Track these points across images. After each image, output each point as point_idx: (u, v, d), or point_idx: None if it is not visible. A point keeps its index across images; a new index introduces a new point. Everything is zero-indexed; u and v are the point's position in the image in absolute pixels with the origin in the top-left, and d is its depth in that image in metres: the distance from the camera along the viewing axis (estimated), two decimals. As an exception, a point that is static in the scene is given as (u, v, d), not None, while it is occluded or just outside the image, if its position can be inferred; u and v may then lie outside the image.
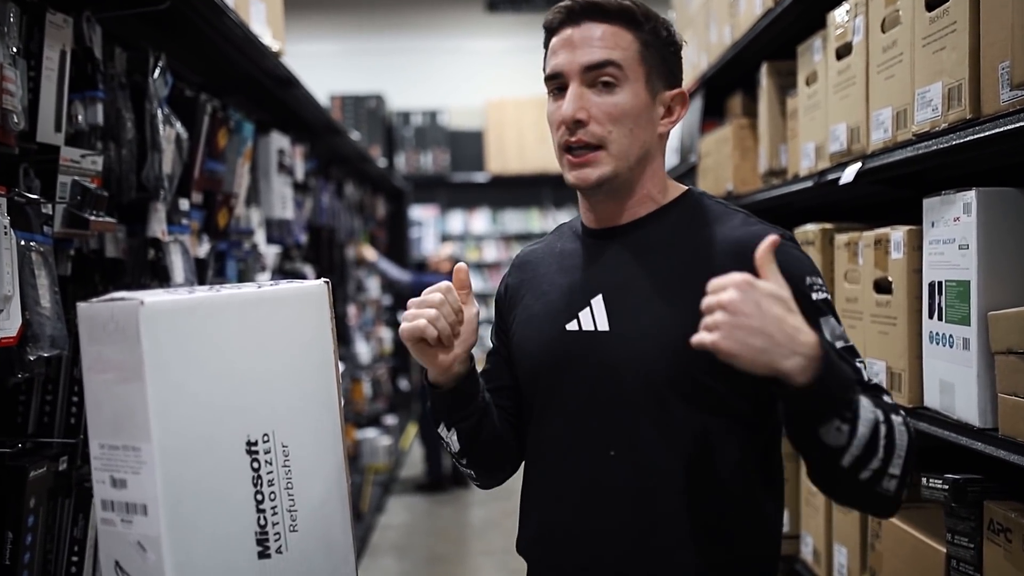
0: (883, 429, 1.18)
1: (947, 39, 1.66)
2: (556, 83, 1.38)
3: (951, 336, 1.69)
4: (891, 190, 2.20)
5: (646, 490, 1.33)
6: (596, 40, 1.34)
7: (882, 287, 1.97)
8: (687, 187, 1.47)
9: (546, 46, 1.41)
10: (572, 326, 1.40)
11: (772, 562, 1.41)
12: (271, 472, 1.20)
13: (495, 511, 5.85)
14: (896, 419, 1.22)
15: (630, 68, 1.35)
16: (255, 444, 1.19)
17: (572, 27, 1.36)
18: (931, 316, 1.77)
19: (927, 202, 1.79)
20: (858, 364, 1.29)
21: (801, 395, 1.12)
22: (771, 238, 1.15)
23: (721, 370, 1.17)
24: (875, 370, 1.98)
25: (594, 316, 1.39)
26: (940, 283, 1.73)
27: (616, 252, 1.41)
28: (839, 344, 1.30)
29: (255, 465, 1.19)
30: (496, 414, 1.48)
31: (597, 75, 1.34)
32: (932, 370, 1.77)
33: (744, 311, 1.08)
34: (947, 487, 1.69)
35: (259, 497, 1.19)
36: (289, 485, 1.22)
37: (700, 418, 1.33)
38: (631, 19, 1.36)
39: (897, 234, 1.88)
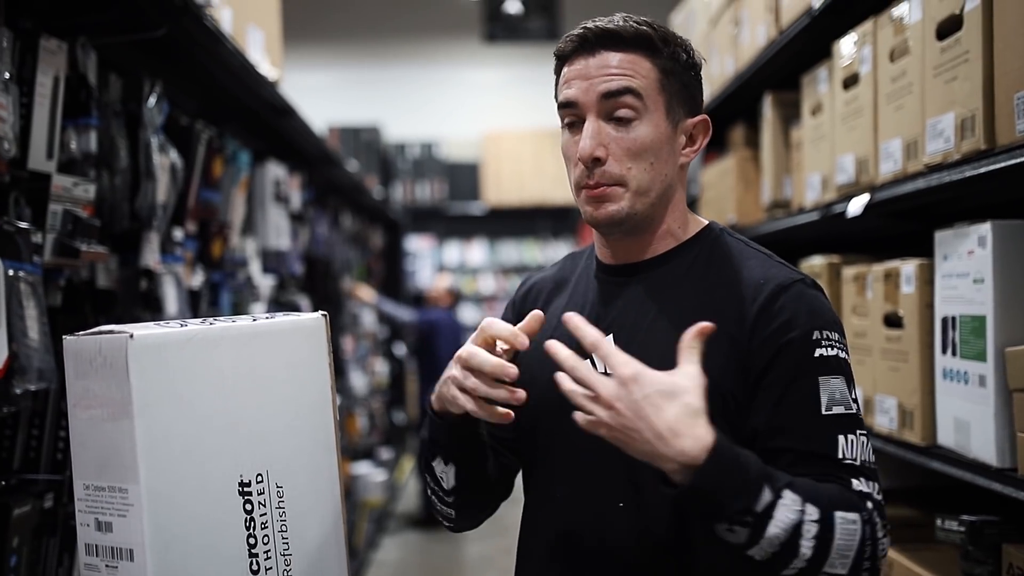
0: (811, 530, 1.09)
1: (959, 69, 1.63)
2: (570, 113, 1.30)
3: (966, 372, 1.64)
4: (898, 223, 2.16)
5: (652, 543, 1.27)
6: (613, 68, 1.27)
7: (892, 321, 1.93)
8: (707, 221, 1.40)
9: (557, 73, 1.34)
10: None
11: None
12: (265, 514, 1.15)
13: (491, 547, 5.76)
14: (843, 516, 1.11)
15: (649, 97, 1.27)
16: (248, 485, 1.13)
17: (587, 56, 1.28)
18: (944, 352, 1.72)
19: (939, 235, 1.75)
20: (848, 437, 1.20)
21: (682, 494, 1.09)
22: (701, 326, 1.13)
23: (724, 417, 1.17)
24: (885, 407, 1.93)
25: None
26: (954, 318, 1.69)
27: (631, 292, 1.34)
28: (836, 410, 1.20)
29: (248, 507, 1.13)
30: (493, 458, 1.42)
31: (615, 106, 1.26)
32: (946, 407, 1.73)
33: (618, 408, 1.09)
34: (963, 529, 1.64)
35: (252, 541, 1.13)
36: (283, 528, 1.17)
37: None
38: (649, 45, 1.28)
39: (908, 267, 1.84)
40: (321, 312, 1.27)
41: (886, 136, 1.92)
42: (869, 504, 1.16)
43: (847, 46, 2.12)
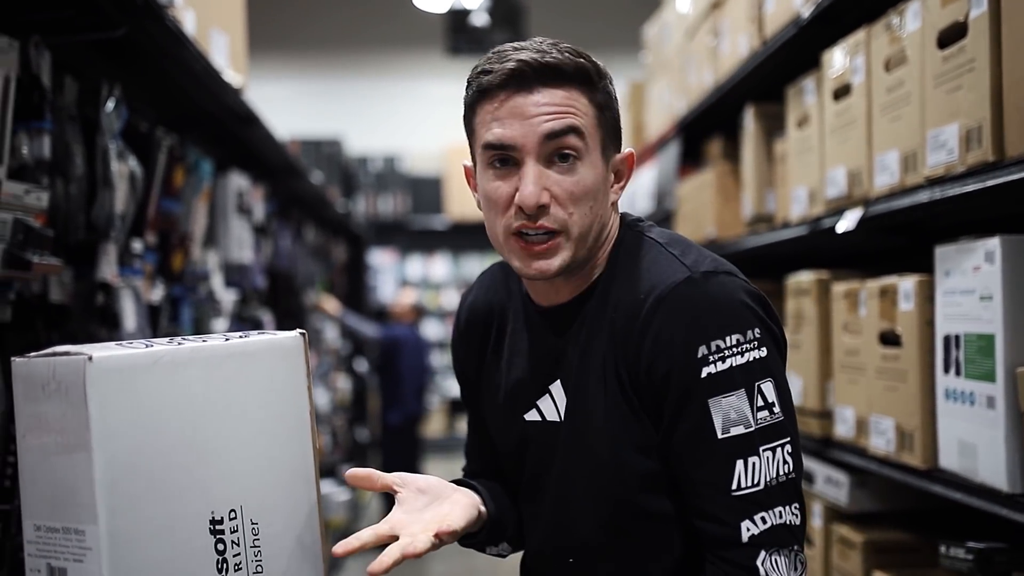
0: None
1: (963, 78, 1.56)
2: (501, 155, 1.18)
3: (972, 393, 1.58)
4: (888, 237, 2.10)
5: None
6: (555, 107, 1.16)
7: (889, 339, 1.86)
8: (619, 221, 1.30)
9: (473, 105, 1.21)
10: (532, 416, 1.30)
11: None
12: (238, 555, 1.04)
13: (457, 567, 5.64)
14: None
15: (590, 136, 1.18)
16: (220, 523, 1.02)
17: (523, 93, 1.16)
18: (947, 371, 1.66)
19: (940, 250, 1.69)
20: (749, 460, 1.12)
21: None
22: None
23: (649, 459, 1.18)
24: (882, 428, 1.86)
25: (556, 403, 1.28)
26: (958, 336, 1.62)
27: (563, 331, 1.27)
28: (734, 431, 1.12)
29: (220, 547, 1.02)
30: (505, 491, 1.39)
31: (557, 147, 1.16)
32: (949, 429, 1.66)
33: None
34: (971, 557, 1.57)
35: (224, 585, 1.02)
36: (259, 569, 1.06)
37: (645, 507, 1.22)
38: (587, 79, 1.18)
39: (907, 284, 1.78)
40: (299, 331, 1.17)
41: (881, 148, 1.86)
42: (760, 557, 1.11)
43: (838, 56, 2.06)
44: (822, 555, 2.19)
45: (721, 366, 1.13)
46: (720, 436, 1.13)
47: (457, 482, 1.31)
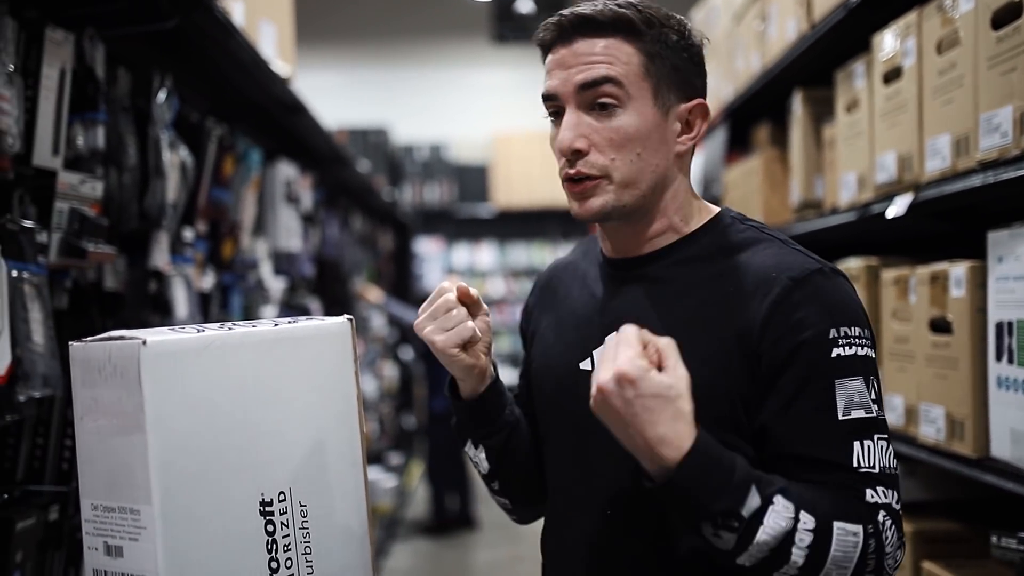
0: (805, 539, 1.05)
1: (1019, 59, 1.53)
2: (552, 105, 1.25)
3: (1024, 381, 1.55)
4: (938, 223, 2.07)
5: (646, 555, 1.22)
6: (590, 57, 1.19)
7: (939, 327, 1.84)
8: (719, 209, 1.32)
9: (544, 64, 1.28)
10: (586, 365, 1.29)
11: None
12: (287, 536, 1.06)
13: (502, 554, 5.67)
14: (843, 527, 1.07)
15: (632, 85, 1.19)
16: (270, 504, 1.04)
17: (565, 45, 1.21)
18: (999, 359, 1.63)
19: (992, 236, 1.66)
20: (865, 443, 1.13)
21: (662, 494, 1.06)
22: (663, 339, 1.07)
23: (727, 418, 1.16)
24: (932, 416, 1.84)
25: None
26: (1010, 323, 1.59)
27: (633, 286, 1.28)
28: (854, 415, 1.13)
29: (270, 528, 1.04)
30: (528, 436, 1.39)
31: (594, 95, 1.19)
32: (1001, 418, 1.63)
33: (612, 403, 1.04)
34: (1023, 547, 1.54)
35: (274, 565, 1.04)
36: (307, 550, 1.08)
37: None
38: (629, 28, 1.20)
39: (958, 270, 1.75)
40: (347, 316, 1.18)
41: (933, 132, 1.83)
42: (881, 515, 1.10)
43: (888, 39, 2.02)
44: (871, 544, 2.17)
45: (849, 351, 1.15)
46: (841, 417, 1.14)
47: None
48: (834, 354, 1.14)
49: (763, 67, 2.88)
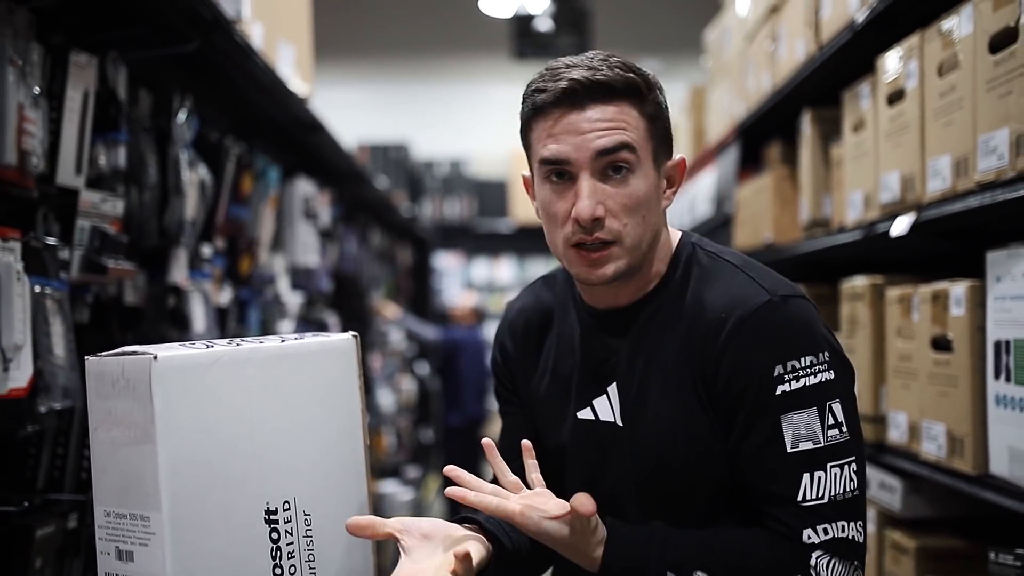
0: None
1: (1014, 83, 1.56)
2: (558, 169, 1.23)
3: (1022, 400, 1.57)
4: (944, 242, 2.09)
5: None
6: (606, 123, 1.20)
7: (940, 345, 1.86)
8: (680, 235, 1.35)
9: (529, 122, 1.27)
10: (585, 414, 1.34)
11: None
12: (292, 544, 1.10)
13: None
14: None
15: (642, 149, 1.23)
16: (275, 513, 1.09)
17: (576, 110, 1.21)
18: (998, 377, 1.65)
19: (991, 256, 1.68)
20: (815, 475, 1.17)
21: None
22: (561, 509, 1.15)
23: (713, 456, 1.23)
24: (933, 433, 1.86)
25: (611, 405, 1.32)
26: (1008, 342, 1.62)
27: (620, 335, 1.32)
28: (803, 446, 1.18)
29: (274, 536, 1.08)
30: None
31: (610, 162, 1.21)
32: (1000, 435, 1.65)
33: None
34: (1020, 564, 1.56)
35: (278, 571, 1.08)
36: (311, 558, 1.12)
37: (710, 508, 1.26)
38: (637, 93, 1.23)
39: (958, 289, 1.77)
40: (352, 333, 1.23)
41: (934, 153, 1.86)
42: (815, 556, 1.15)
43: (892, 61, 2.06)
44: (875, 561, 2.19)
45: (795, 385, 1.19)
46: (789, 450, 1.18)
47: (459, 520, 1.29)
48: (779, 391, 1.19)
49: (773, 87, 2.92)
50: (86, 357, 1.06)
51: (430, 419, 7.65)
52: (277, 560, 1.08)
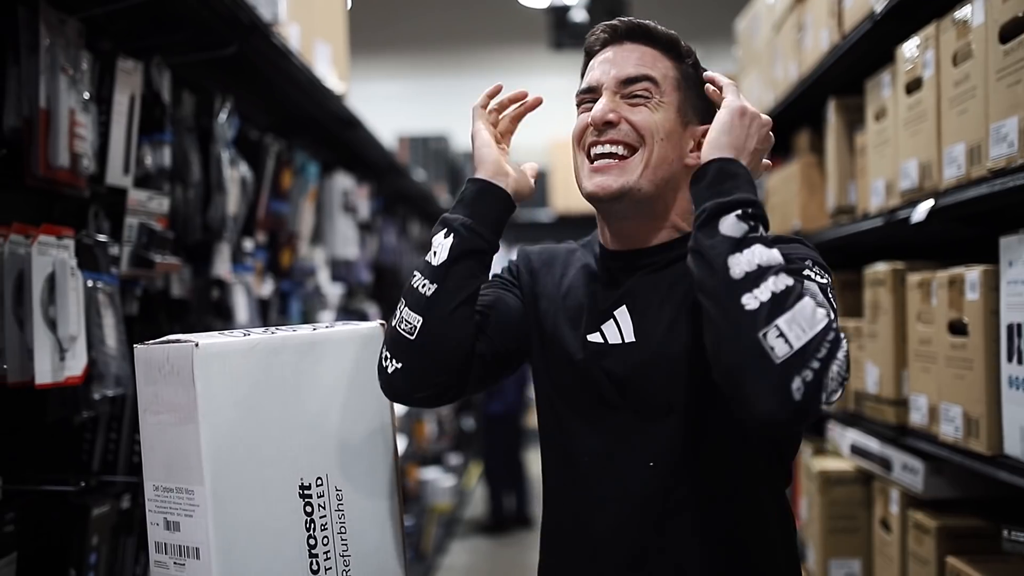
0: (783, 279, 1.11)
1: (1023, 72, 1.60)
2: (588, 98, 1.36)
3: (1032, 381, 1.61)
4: (964, 228, 2.12)
5: (680, 498, 1.30)
6: (636, 58, 1.34)
7: (957, 329, 1.90)
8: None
9: (583, 68, 1.40)
10: (594, 337, 1.36)
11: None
12: (324, 516, 1.19)
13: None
14: (808, 299, 1.12)
15: (666, 91, 1.33)
16: (308, 488, 1.18)
17: (614, 46, 1.36)
18: (1010, 360, 1.69)
19: (1004, 241, 1.72)
20: (824, 301, 1.18)
21: (712, 165, 1.20)
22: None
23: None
24: (951, 415, 1.90)
25: (620, 328, 1.35)
26: (1019, 325, 1.66)
27: (637, 273, 1.37)
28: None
29: (308, 509, 1.18)
30: (475, 324, 1.33)
31: (633, 89, 1.33)
32: (1012, 416, 1.69)
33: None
34: (1030, 540, 1.61)
35: (312, 542, 1.18)
36: (342, 530, 1.21)
37: (724, 425, 1.29)
38: (674, 48, 1.36)
39: (972, 274, 1.81)
40: (379, 321, 1.31)
41: (949, 141, 1.89)
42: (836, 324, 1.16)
43: (910, 50, 2.09)
44: (899, 541, 2.23)
45: (812, 274, 1.25)
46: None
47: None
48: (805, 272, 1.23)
49: (800, 76, 2.95)
50: (135, 345, 1.16)
51: (471, 407, 7.75)
52: (311, 531, 1.17)
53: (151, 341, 1.14)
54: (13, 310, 1.51)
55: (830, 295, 1.23)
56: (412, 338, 1.23)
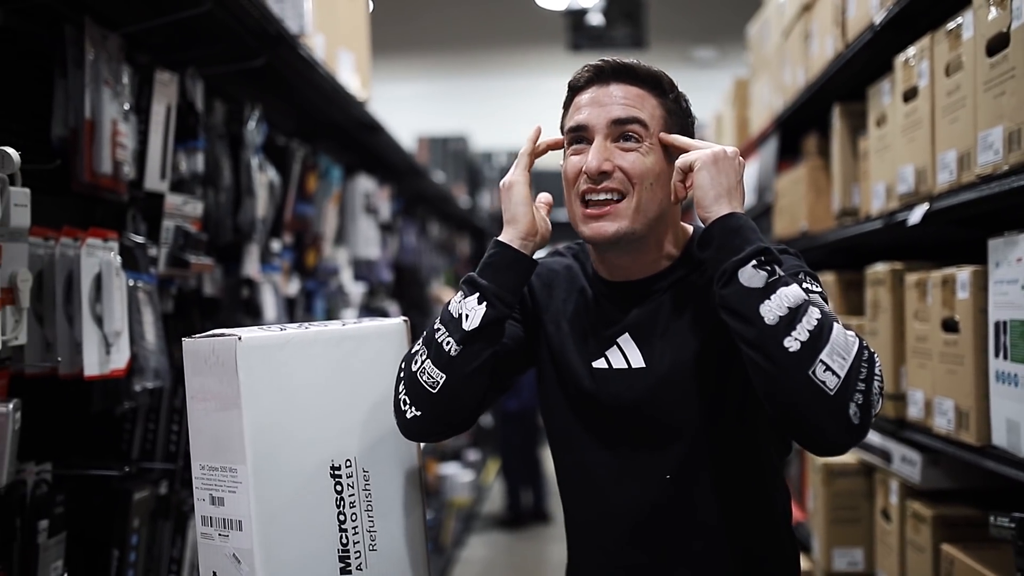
0: (813, 313, 1.21)
1: (1007, 84, 1.69)
2: (578, 137, 1.41)
3: (1016, 375, 1.71)
4: (958, 230, 2.22)
5: (698, 506, 1.40)
6: (624, 99, 1.38)
7: (949, 326, 1.99)
8: (690, 228, 1.51)
9: (567, 104, 1.45)
10: (600, 364, 1.44)
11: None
12: (352, 495, 1.31)
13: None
14: (838, 326, 1.23)
15: (654, 131, 1.39)
16: (338, 468, 1.30)
17: (600, 86, 1.40)
18: (997, 355, 1.79)
19: (991, 243, 1.82)
20: (824, 308, 1.27)
21: (719, 223, 1.29)
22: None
23: (743, 390, 1.35)
24: (944, 408, 2.00)
25: (625, 355, 1.43)
26: (1005, 323, 1.75)
27: (636, 305, 1.45)
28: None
29: (338, 488, 1.29)
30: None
31: (623, 130, 1.37)
32: (999, 409, 1.79)
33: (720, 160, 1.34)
34: (1014, 525, 1.70)
35: (341, 517, 1.29)
36: (369, 507, 1.32)
37: (734, 437, 1.40)
38: (657, 85, 1.41)
39: (963, 274, 1.91)
40: (403, 318, 1.43)
41: (942, 147, 1.99)
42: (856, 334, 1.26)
43: (907, 60, 2.19)
44: (898, 530, 2.33)
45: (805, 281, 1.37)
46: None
47: None
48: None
49: (807, 81, 3.05)
50: (183, 339, 1.28)
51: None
52: (341, 508, 1.29)
53: (197, 335, 1.26)
54: (63, 308, 1.63)
55: (827, 302, 1.34)
56: (434, 392, 1.31)
